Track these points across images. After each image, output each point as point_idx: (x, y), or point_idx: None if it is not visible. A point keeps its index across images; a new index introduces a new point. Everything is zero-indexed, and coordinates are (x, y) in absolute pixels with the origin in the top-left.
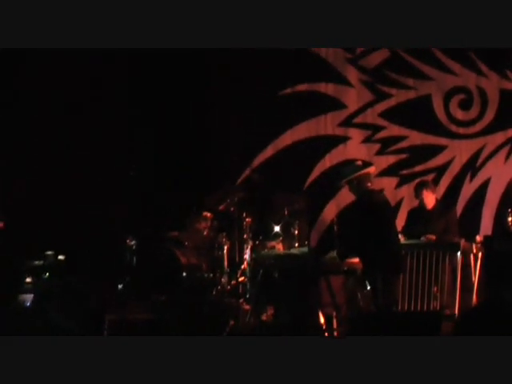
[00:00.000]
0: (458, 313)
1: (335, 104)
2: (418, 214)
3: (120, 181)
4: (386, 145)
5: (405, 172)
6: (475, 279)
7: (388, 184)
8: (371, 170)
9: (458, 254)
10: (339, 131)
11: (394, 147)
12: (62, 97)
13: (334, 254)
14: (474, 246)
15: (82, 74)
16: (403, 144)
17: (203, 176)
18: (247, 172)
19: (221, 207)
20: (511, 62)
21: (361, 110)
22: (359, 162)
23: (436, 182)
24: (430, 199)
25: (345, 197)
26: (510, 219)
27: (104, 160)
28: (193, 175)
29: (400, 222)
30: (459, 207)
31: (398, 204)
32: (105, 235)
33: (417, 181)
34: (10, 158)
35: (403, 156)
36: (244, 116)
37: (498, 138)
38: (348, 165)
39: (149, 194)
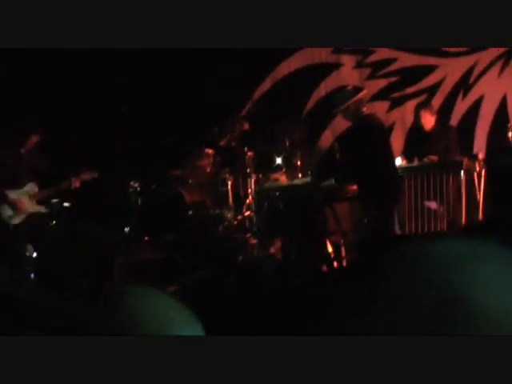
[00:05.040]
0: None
1: None
2: (418, 136)
3: (120, 123)
4: (376, 68)
5: (396, 95)
6: (480, 197)
7: (380, 108)
8: (364, 94)
9: (462, 172)
10: (332, 58)
11: (384, 70)
12: None
13: (332, 181)
14: (476, 163)
15: None
16: (393, 66)
17: (203, 112)
18: (248, 105)
19: (222, 143)
20: None
21: None
22: (350, 88)
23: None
24: (428, 120)
25: (340, 124)
26: (510, 134)
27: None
28: (192, 112)
29: (394, 145)
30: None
31: (391, 128)
32: (108, 179)
33: (414, 102)
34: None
35: (394, 79)
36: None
37: (490, 53)
38: (340, 92)
39: (149, 133)
